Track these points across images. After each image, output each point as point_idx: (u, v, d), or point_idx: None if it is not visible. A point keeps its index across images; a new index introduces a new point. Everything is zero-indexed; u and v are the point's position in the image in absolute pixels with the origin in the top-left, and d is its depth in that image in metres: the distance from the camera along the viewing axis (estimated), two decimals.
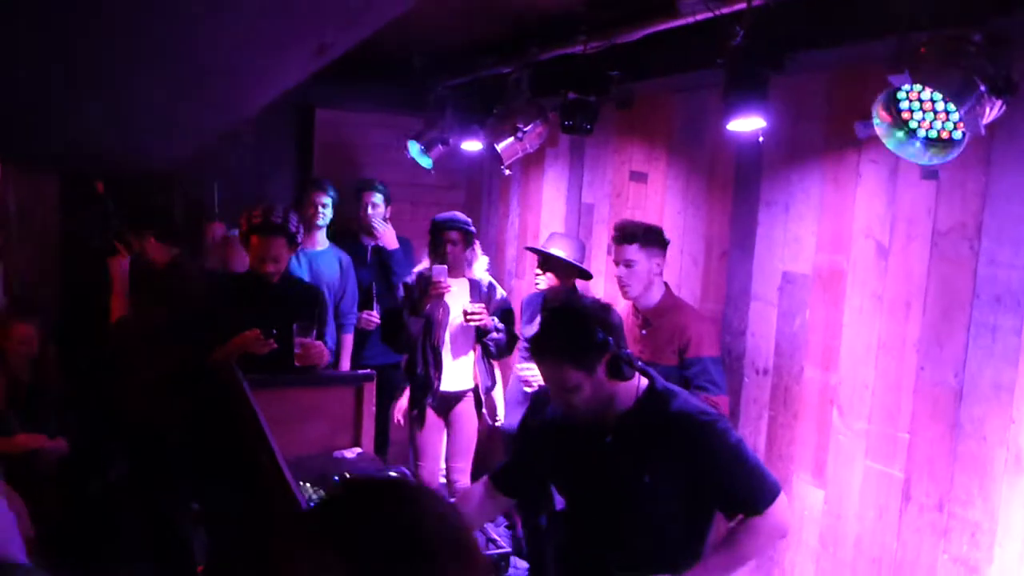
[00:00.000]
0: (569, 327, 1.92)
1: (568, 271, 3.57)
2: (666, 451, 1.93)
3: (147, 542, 3.51)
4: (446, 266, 3.68)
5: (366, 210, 4.37)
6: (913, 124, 1.98)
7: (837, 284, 2.72)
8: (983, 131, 1.88)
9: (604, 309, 1.97)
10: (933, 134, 1.97)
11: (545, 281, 3.60)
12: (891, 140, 1.99)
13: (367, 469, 3.12)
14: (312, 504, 2.29)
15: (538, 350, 1.97)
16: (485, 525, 2.50)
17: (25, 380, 3.41)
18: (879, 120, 1.97)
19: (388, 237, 4.36)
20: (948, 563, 2.33)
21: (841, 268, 2.70)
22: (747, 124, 2.54)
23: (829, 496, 2.73)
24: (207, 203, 4.36)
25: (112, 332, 3.58)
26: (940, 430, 2.37)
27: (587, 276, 3.64)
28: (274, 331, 3.12)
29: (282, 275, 3.30)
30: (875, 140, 2.52)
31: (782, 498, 1.96)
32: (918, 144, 1.98)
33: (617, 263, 3.08)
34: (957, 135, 1.92)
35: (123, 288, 3.65)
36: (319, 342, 3.25)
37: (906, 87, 1.91)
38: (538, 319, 3.58)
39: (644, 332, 3.16)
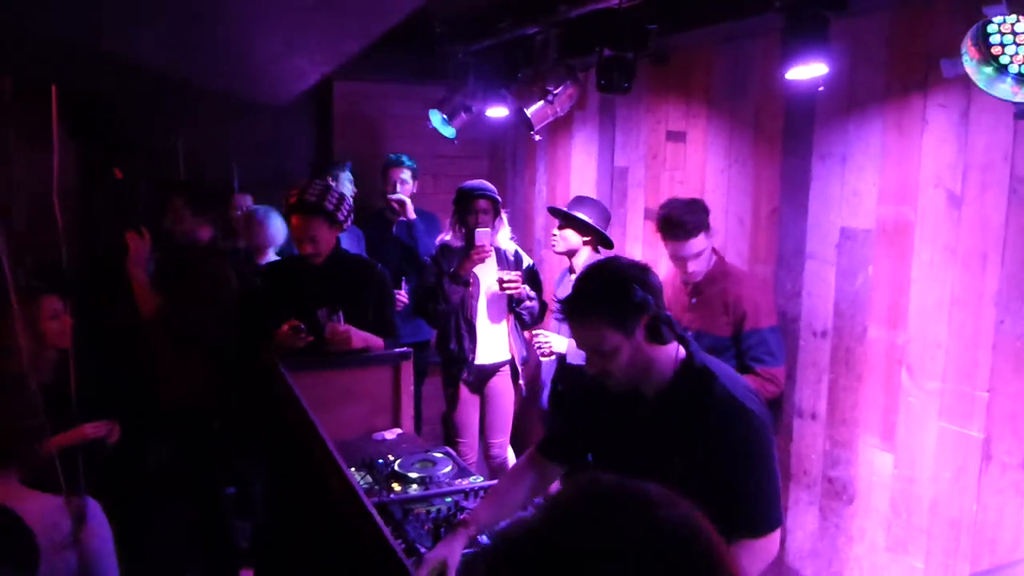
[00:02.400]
0: (606, 285, 1.75)
1: (588, 235, 3.44)
2: (703, 437, 1.76)
3: (189, 528, 3.45)
4: (489, 229, 3.54)
5: (394, 188, 4.23)
6: (1005, 59, 1.83)
7: (904, 238, 2.58)
8: None
9: (643, 269, 1.78)
10: None
11: (563, 243, 3.48)
12: (980, 77, 1.84)
13: (409, 450, 3.02)
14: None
15: (573, 311, 1.80)
16: None
17: (69, 355, 3.17)
18: (968, 57, 1.82)
19: (408, 210, 4.21)
20: None
21: (908, 221, 2.56)
22: (808, 72, 2.39)
23: (899, 460, 2.62)
24: (228, 179, 4.24)
25: (150, 324, 3.40)
26: (1022, 386, 2.24)
27: (608, 244, 3.51)
28: (326, 315, 2.99)
29: (331, 255, 3.10)
30: (942, 83, 2.38)
31: (779, 532, 1.78)
32: (1010, 80, 1.83)
33: (685, 257, 2.88)
34: None
35: (144, 275, 3.43)
36: (346, 326, 3.06)
37: (998, 19, 1.76)
38: (570, 279, 3.45)
39: (694, 301, 3.03)
